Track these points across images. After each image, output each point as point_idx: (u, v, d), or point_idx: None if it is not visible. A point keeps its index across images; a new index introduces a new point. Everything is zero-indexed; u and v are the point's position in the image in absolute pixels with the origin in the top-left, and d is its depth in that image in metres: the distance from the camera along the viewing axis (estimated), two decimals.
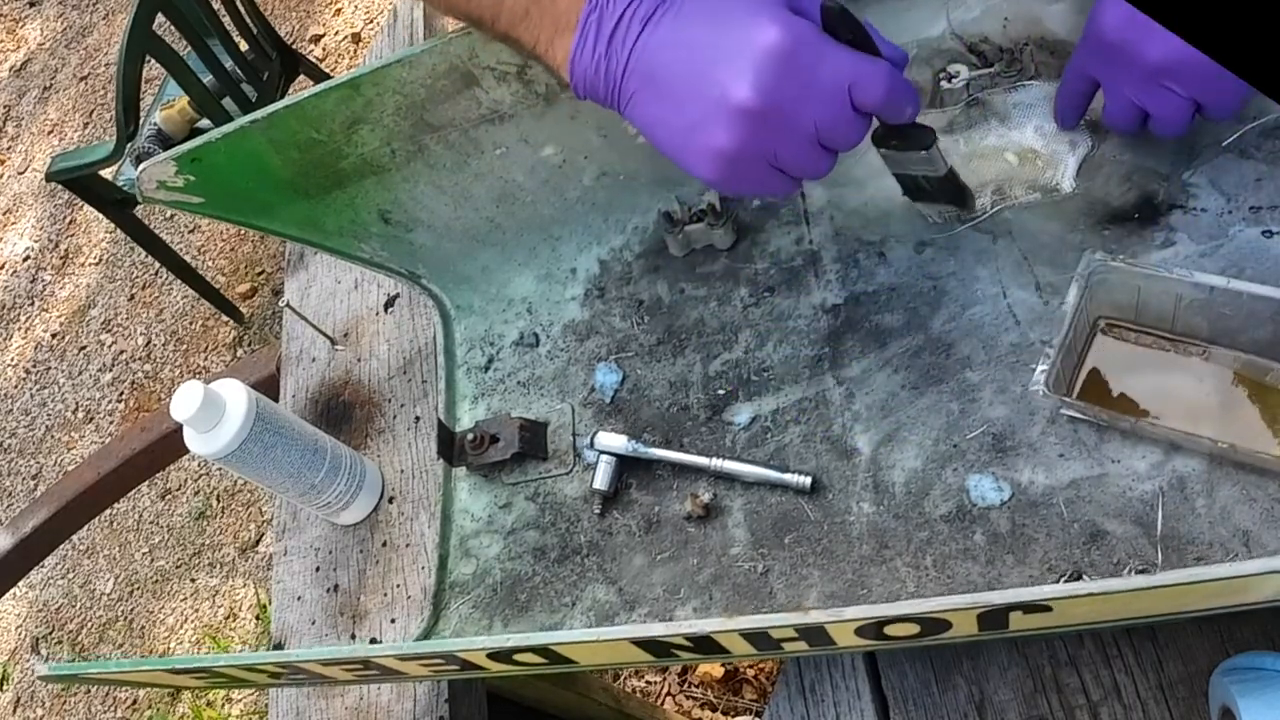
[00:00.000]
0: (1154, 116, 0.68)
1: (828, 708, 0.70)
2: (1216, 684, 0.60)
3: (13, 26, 3.76)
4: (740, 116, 0.57)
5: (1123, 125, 0.70)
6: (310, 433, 0.86)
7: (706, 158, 0.59)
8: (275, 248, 2.70)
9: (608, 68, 0.60)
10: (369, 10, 3.07)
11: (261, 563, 2.27)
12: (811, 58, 0.56)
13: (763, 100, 0.56)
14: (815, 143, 0.59)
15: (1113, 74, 0.68)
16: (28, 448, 2.72)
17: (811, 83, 0.57)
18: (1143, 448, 0.66)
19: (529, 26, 0.62)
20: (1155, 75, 0.65)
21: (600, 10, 0.59)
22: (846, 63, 0.57)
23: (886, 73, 0.58)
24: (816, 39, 0.57)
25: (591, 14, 0.60)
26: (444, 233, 0.91)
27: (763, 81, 0.56)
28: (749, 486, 0.76)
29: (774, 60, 0.56)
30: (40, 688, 2.34)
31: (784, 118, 0.57)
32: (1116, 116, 0.70)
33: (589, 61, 0.60)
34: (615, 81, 0.60)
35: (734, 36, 0.56)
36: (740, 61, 0.56)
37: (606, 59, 0.60)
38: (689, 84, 0.58)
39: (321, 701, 0.85)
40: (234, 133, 0.78)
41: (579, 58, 0.60)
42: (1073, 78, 0.72)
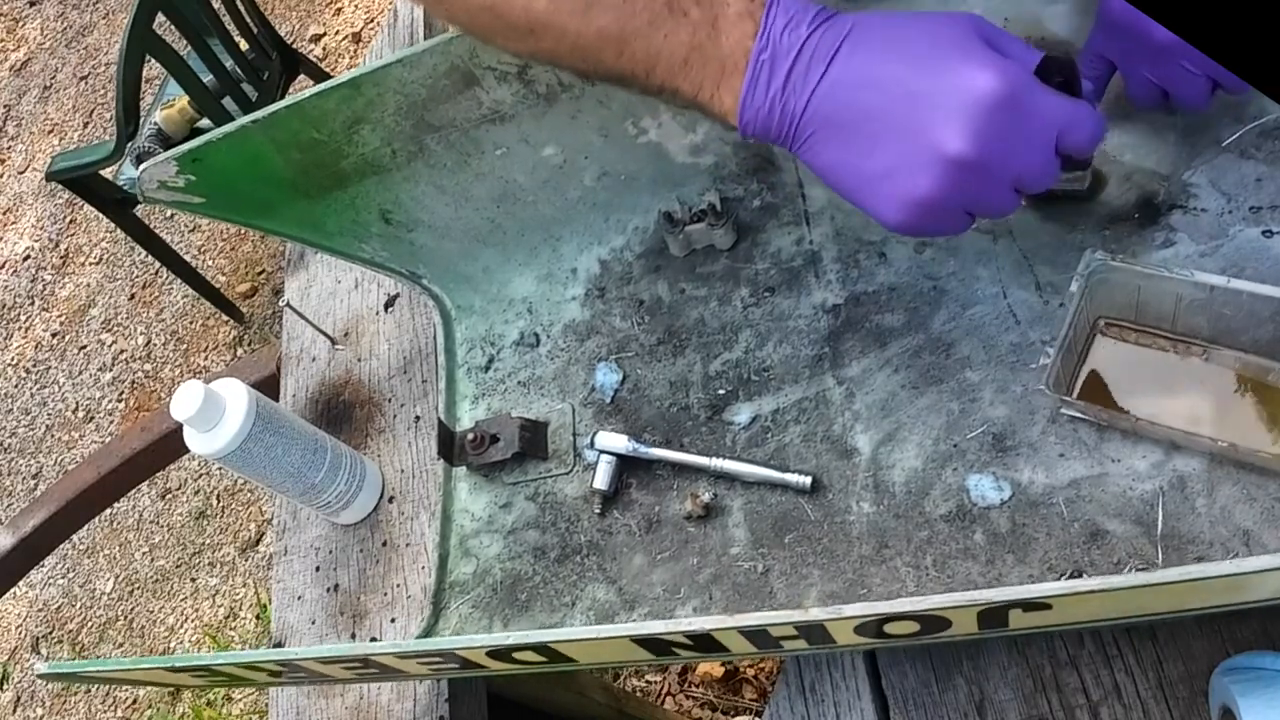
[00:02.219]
0: (1172, 94, 0.67)
1: (828, 707, 0.70)
2: (1216, 684, 0.60)
3: (13, 26, 3.76)
4: (950, 166, 0.54)
5: (1145, 102, 0.70)
6: (310, 432, 0.86)
7: (902, 204, 0.56)
8: (275, 247, 2.70)
9: (784, 109, 0.57)
10: (369, 10, 3.07)
11: (261, 562, 2.27)
12: (1026, 106, 0.54)
13: (978, 151, 0.53)
14: (1012, 187, 0.57)
15: (1126, 55, 0.68)
16: (28, 447, 2.72)
17: (1025, 132, 0.54)
18: (1143, 447, 0.66)
19: (689, 75, 0.58)
20: (1167, 54, 0.65)
21: (773, 47, 0.56)
22: (1062, 110, 0.55)
23: (1093, 118, 0.56)
24: (1031, 86, 0.54)
25: (764, 52, 0.56)
26: (445, 233, 0.91)
27: (979, 131, 0.53)
28: (749, 486, 0.76)
29: (990, 110, 0.53)
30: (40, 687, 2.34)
31: (993, 167, 0.55)
32: (1137, 94, 0.70)
33: (763, 102, 0.57)
34: (793, 121, 0.57)
35: (944, 81, 0.53)
36: (954, 107, 0.53)
37: (783, 100, 0.56)
38: (889, 126, 0.55)
39: (322, 701, 0.85)
40: (235, 132, 0.78)
41: (750, 100, 0.57)
42: (1087, 63, 0.71)
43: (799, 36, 0.56)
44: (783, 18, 0.56)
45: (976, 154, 0.53)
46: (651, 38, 0.58)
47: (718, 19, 0.57)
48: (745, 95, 0.57)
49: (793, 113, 0.57)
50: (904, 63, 0.54)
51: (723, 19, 0.57)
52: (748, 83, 0.57)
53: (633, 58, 0.59)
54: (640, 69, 0.59)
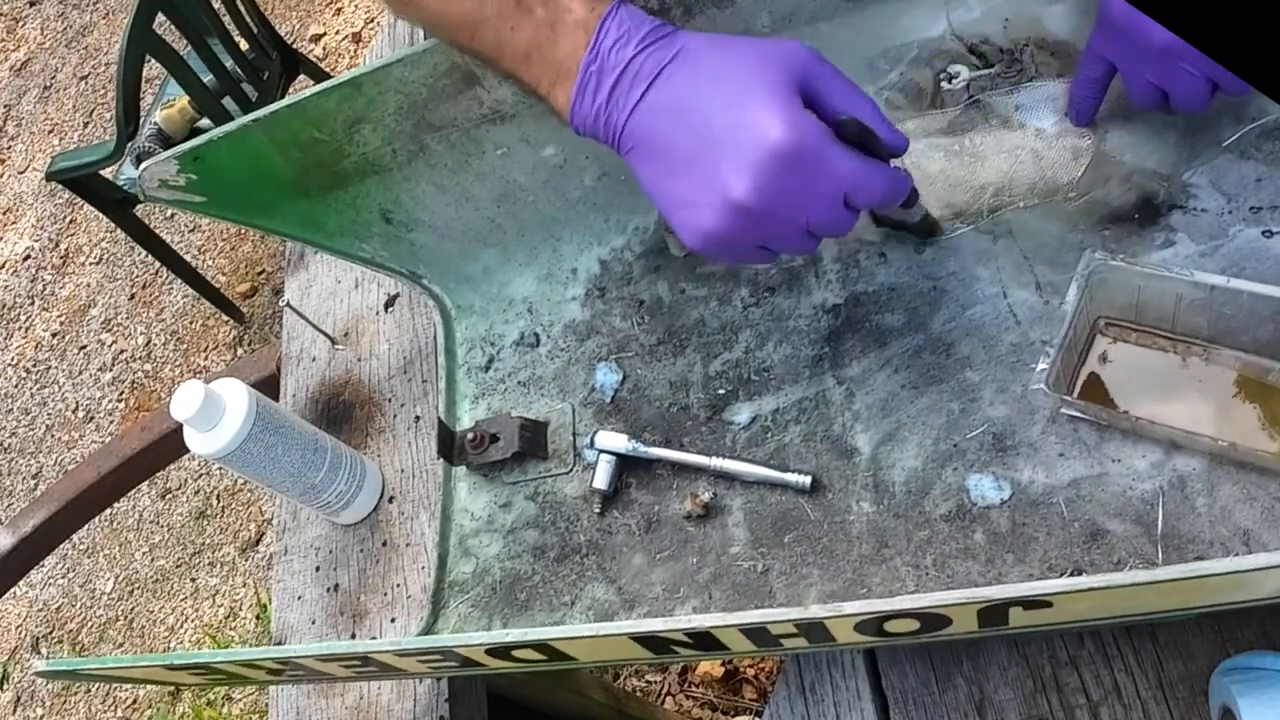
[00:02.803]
0: (1172, 95, 0.68)
1: (828, 707, 0.70)
2: (1216, 684, 0.60)
3: (13, 26, 3.76)
4: (735, 210, 0.57)
5: (1145, 104, 0.71)
6: (310, 432, 0.86)
7: (695, 233, 0.59)
8: (275, 247, 2.70)
9: (607, 120, 0.60)
10: (369, 10, 3.07)
11: (261, 562, 2.27)
12: (814, 164, 0.56)
13: (760, 202, 0.56)
14: (806, 234, 0.60)
15: (1127, 56, 0.69)
16: (28, 447, 2.72)
17: (811, 188, 0.56)
18: (1143, 447, 0.66)
19: (530, 70, 0.62)
20: (1167, 55, 0.65)
21: (601, 62, 0.59)
22: (848, 170, 0.57)
23: (885, 178, 0.59)
24: (821, 144, 0.56)
25: (592, 64, 0.59)
26: (445, 233, 0.91)
27: (762, 183, 0.55)
28: (749, 486, 0.76)
29: (777, 163, 0.55)
30: (40, 687, 2.34)
31: (778, 217, 0.57)
32: (1137, 96, 0.70)
33: (589, 111, 0.60)
34: (615, 133, 0.60)
35: (740, 124, 0.56)
36: (743, 156, 0.55)
37: (606, 112, 0.60)
38: (688, 160, 0.58)
39: (322, 701, 0.85)
40: (236, 132, 0.78)
41: (578, 107, 0.61)
42: (1088, 64, 0.72)
43: (625, 55, 0.59)
44: (614, 33, 0.59)
45: (759, 203, 0.56)
46: (500, 29, 0.62)
47: (556, 24, 0.60)
48: (574, 101, 0.61)
49: (615, 126, 0.60)
50: (713, 99, 0.57)
51: (561, 25, 0.60)
52: (576, 90, 0.60)
53: (483, 43, 0.63)
54: (490, 54, 0.64)
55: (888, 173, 0.59)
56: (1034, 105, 0.80)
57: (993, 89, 0.81)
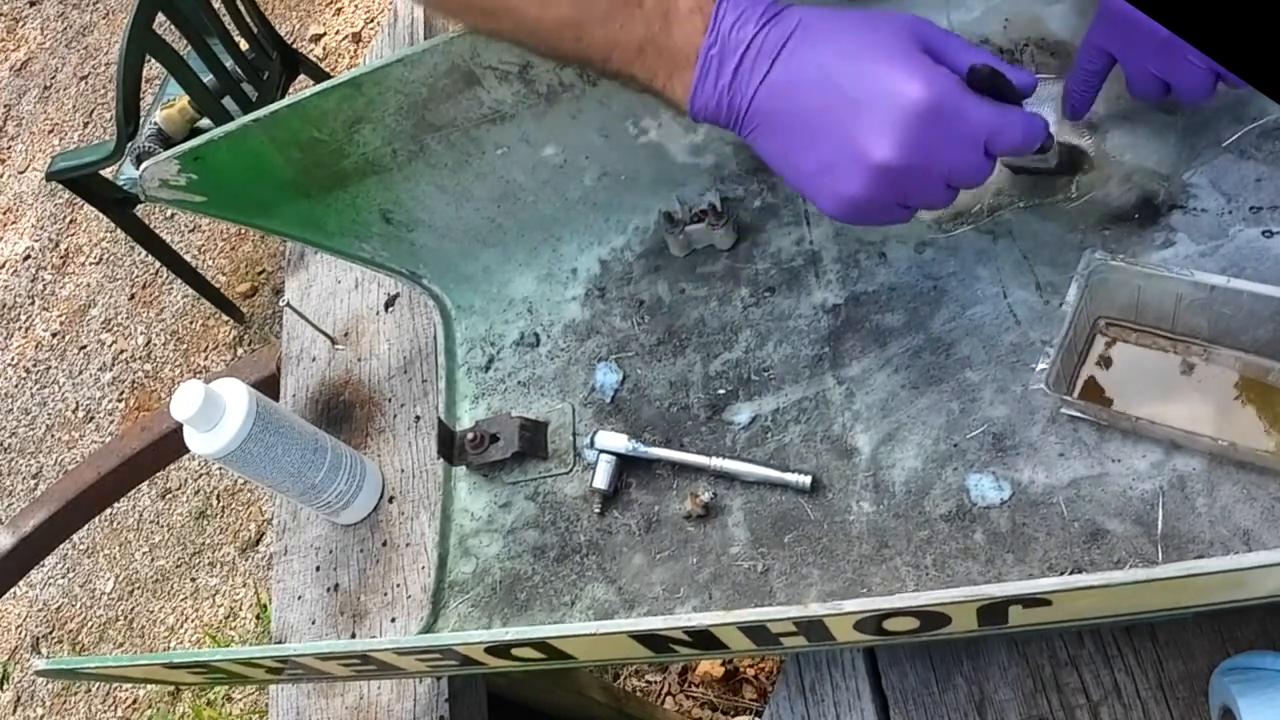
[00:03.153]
0: (1175, 87, 0.68)
1: (828, 707, 0.70)
2: (1216, 684, 0.60)
3: (13, 26, 3.76)
4: (878, 172, 0.57)
5: (1147, 95, 0.70)
6: (310, 432, 0.86)
7: (836, 200, 0.59)
8: (276, 247, 2.70)
9: (730, 103, 0.59)
10: (369, 10, 3.07)
11: (261, 562, 2.27)
12: (953, 116, 0.56)
13: (903, 159, 0.56)
14: (945, 185, 0.60)
15: (1128, 48, 0.68)
16: (28, 447, 2.72)
17: (952, 140, 0.57)
18: (1143, 447, 0.66)
19: (644, 64, 0.61)
20: (1170, 46, 0.65)
21: (722, 44, 0.58)
22: (987, 118, 0.57)
23: (1022, 121, 0.59)
24: (959, 95, 0.56)
25: (712, 48, 0.59)
26: (445, 233, 0.91)
27: (904, 140, 0.56)
28: (749, 486, 0.76)
29: (917, 119, 0.55)
30: (40, 687, 2.34)
31: (921, 172, 0.58)
32: (1139, 87, 0.70)
33: (710, 96, 0.60)
34: (739, 114, 0.60)
35: (876, 85, 0.56)
36: (882, 116, 0.56)
37: (730, 94, 0.59)
38: (824, 127, 0.57)
39: (322, 701, 0.85)
40: (236, 131, 0.78)
41: (699, 92, 0.60)
42: (1087, 56, 0.72)
43: (747, 34, 0.58)
44: (732, 14, 0.58)
45: (902, 162, 0.56)
46: (607, 27, 0.60)
47: (670, 12, 0.59)
48: (695, 88, 0.60)
49: (739, 107, 0.59)
50: (843, 66, 0.57)
51: (675, 13, 0.59)
52: (698, 77, 0.59)
53: (590, 44, 0.61)
54: (597, 55, 0.62)
55: (1024, 116, 0.59)
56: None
57: None
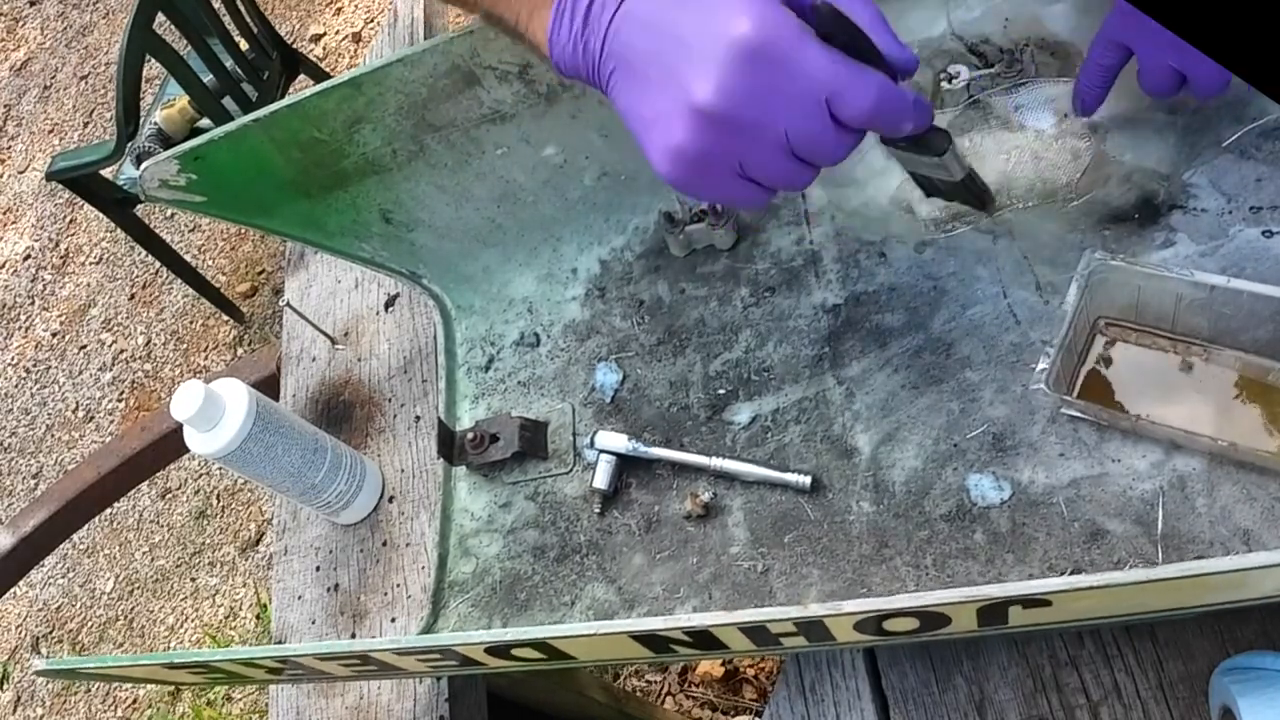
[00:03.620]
0: (1192, 80, 0.67)
1: (828, 707, 0.70)
2: (1216, 684, 0.60)
3: (13, 26, 3.76)
4: (700, 116, 0.51)
5: (1160, 90, 0.69)
6: (310, 432, 0.86)
7: (665, 155, 0.54)
8: (275, 247, 2.70)
9: (586, 46, 0.55)
10: (369, 9, 3.07)
11: (261, 562, 2.27)
12: (784, 59, 0.50)
13: (727, 105, 0.51)
14: (789, 154, 0.53)
15: (1150, 41, 0.67)
16: (28, 447, 2.72)
17: (782, 88, 0.51)
18: (1143, 447, 0.66)
19: (509, 3, 0.58)
20: None
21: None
22: (825, 70, 0.51)
23: (875, 86, 0.51)
24: (795, 38, 0.50)
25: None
26: (445, 233, 0.91)
27: (726, 82, 0.50)
28: (749, 486, 0.76)
29: (742, 59, 0.50)
30: (40, 687, 2.34)
31: (749, 124, 0.51)
32: (1153, 82, 0.69)
33: (566, 38, 0.55)
34: (594, 61, 0.55)
35: (705, 23, 0.50)
36: (705, 54, 0.50)
37: (584, 37, 0.55)
38: (657, 72, 0.52)
39: (321, 701, 0.85)
40: (236, 131, 0.78)
41: (557, 34, 0.56)
42: (1101, 51, 0.70)
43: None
44: None
45: (725, 108, 0.51)
46: None
47: None
48: (552, 29, 0.56)
49: (594, 51, 0.55)
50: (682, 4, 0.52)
51: None
52: (553, 17, 0.56)
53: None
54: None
55: (879, 81, 0.51)
56: (1034, 105, 0.80)
57: (993, 89, 0.81)
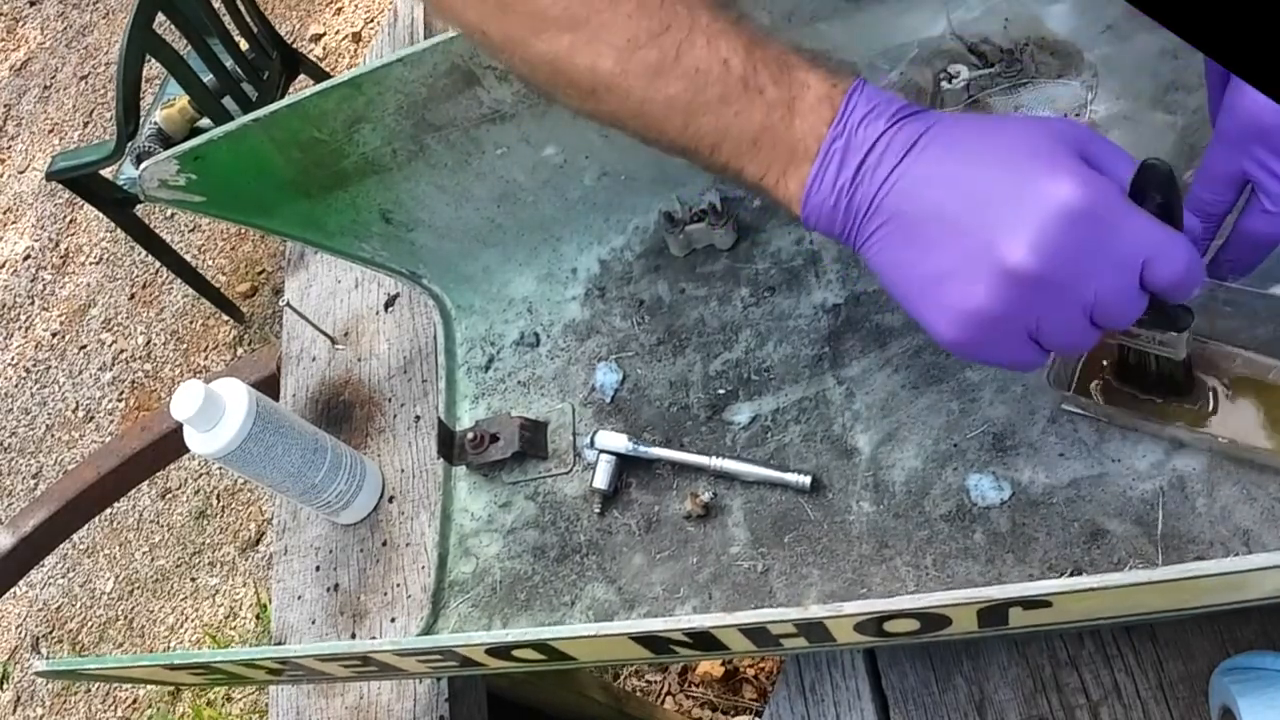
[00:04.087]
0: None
1: (828, 707, 0.70)
2: (1216, 684, 0.60)
3: (13, 25, 3.76)
4: (1010, 278, 0.48)
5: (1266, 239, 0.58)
6: (310, 432, 0.86)
7: (954, 316, 0.50)
8: (275, 247, 2.70)
9: (850, 200, 0.52)
10: (369, 9, 3.07)
11: (261, 562, 2.27)
12: (1112, 224, 0.48)
13: (1043, 266, 0.47)
14: (1087, 316, 0.50)
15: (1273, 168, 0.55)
16: (28, 447, 2.72)
17: (1105, 253, 0.48)
18: (1143, 447, 0.66)
19: (757, 156, 0.54)
20: None
21: (848, 138, 0.52)
22: (1150, 235, 0.48)
23: (1187, 251, 0.49)
24: (1121, 203, 0.48)
25: (837, 140, 0.52)
26: (445, 232, 0.91)
27: (1048, 243, 0.47)
28: (749, 485, 0.76)
29: (1068, 221, 0.47)
30: (40, 687, 2.34)
31: (1061, 285, 0.48)
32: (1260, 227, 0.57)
33: (829, 193, 0.53)
34: (858, 216, 0.52)
35: (1021, 183, 0.48)
36: (1024, 214, 0.47)
37: (851, 190, 0.52)
38: (952, 227, 0.49)
39: (321, 701, 0.85)
40: (236, 131, 0.78)
41: (817, 188, 0.53)
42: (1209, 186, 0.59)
43: (876, 129, 0.52)
44: (863, 108, 0.52)
45: (1042, 268, 0.48)
46: (722, 114, 0.54)
47: (795, 100, 0.53)
48: (812, 183, 0.53)
49: (858, 206, 0.52)
50: (981, 164, 0.50)
51: (800, 101, 0.53)
52: (815, 170, 0.53)
53: (698, 132, 0.55)
54: (705, 144, 0.55)
55: (1187, 246, 0.49)
56: (1034, 105, 0.80)
57: (993, 89, 0.81)
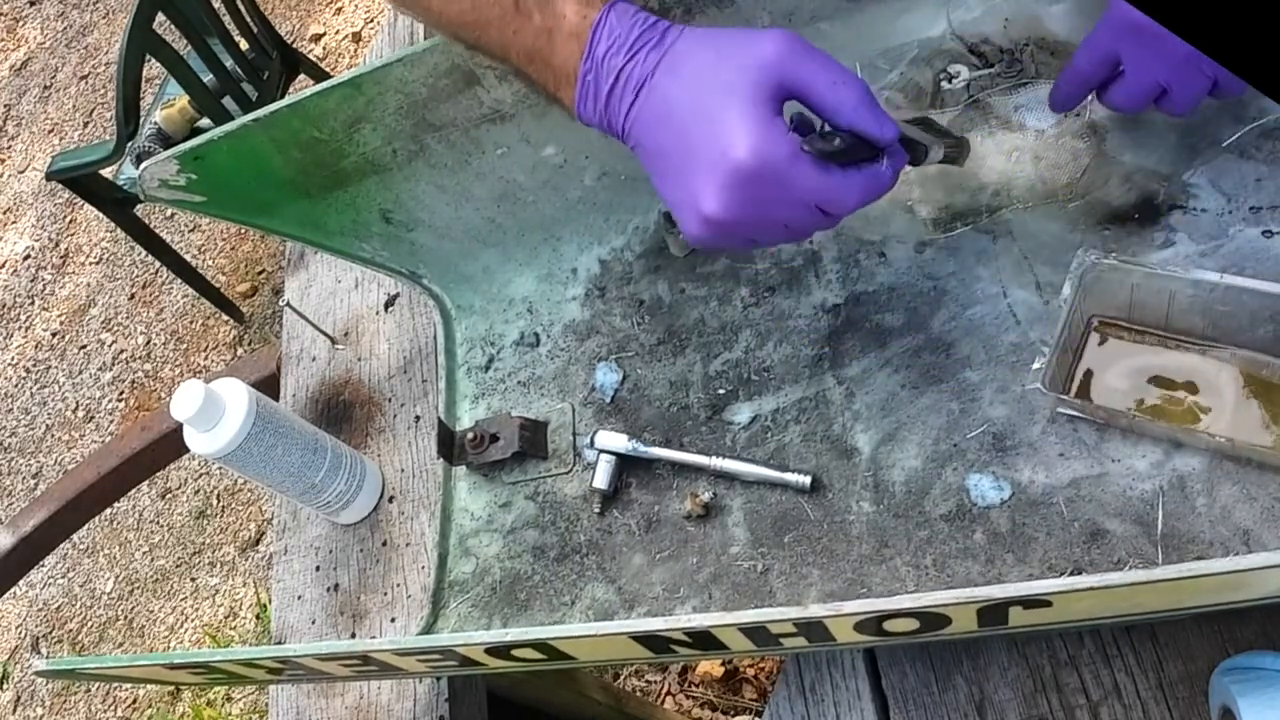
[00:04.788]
0: (1173, 94, 0.68)
1: (828, 707, 0.70)
2: (1216, 684, 0.60)
3: (13, 25, 3.76)
4: (709, 222, 0.60)
5: (1133, 104, 0.70)
6: (310, 432, 0.86)
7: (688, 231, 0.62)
8: (275, 247, 2.70)
9: (609, 123, 0.62)
10: (369, 9, 3.07)
11: (261, 562, 2.27)
12: (776, 181, 0.57)
13: (729, 215, 0.59)
14: (787, 231, 0.62)
15: (1139, 54, 0.68)
16: (28, 447, 2.72)
17: (780, 202, 0.59)
18: (1143, 447, 0.66)
19: (536, 70, 0.64)
20: (1189, 55, 0.65)
21: (596, 71, 0.61)
22: (815, 187, 0.58)
23: (858, 189, 0.59)
24: (786, 162, 0.57)
25: (589, 74, 0.61)
26: (445, 232, 0.91)
27: (728, 200, 0.58)
28: (749, 485, 0.76)
29: (738, 180, 0.57)
30: (40, 687, 2.34)
31: (751, 225, 0.60)
32: (1131, 96, 0.69)
33: (592, 114, 0.63)
34: (617, 134, 0.63)
35: (711, 139, 0.58)
36: (709, 171, 0.58)
37: (606, 117, 0.62)
38: (674, 168, 0.60)
39: (322, 701, 0.85)
40: (236, 131, 0.78)
41: (582, 111, 0.63)
42: (1089, 60, 0.70)
43: (617, 64, 0.60)
44: (605, 41, 0.60)
45: (728, 217, 0.59)
46: (503, 30, 0.63)
47: (553, 30, 0.62)
48: (578, 104, 0.63)
49: (616, 129, 0.62)
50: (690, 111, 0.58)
51: (557, 31, 0.62)
52: (578, 96, 0.62)
53: (488, 43, 0.65)
54: (497, 53, 0.65)
55: (860, 182, 0.60)
56: (1034, 105, 0.80)
57: (993, 89, 0.81)
